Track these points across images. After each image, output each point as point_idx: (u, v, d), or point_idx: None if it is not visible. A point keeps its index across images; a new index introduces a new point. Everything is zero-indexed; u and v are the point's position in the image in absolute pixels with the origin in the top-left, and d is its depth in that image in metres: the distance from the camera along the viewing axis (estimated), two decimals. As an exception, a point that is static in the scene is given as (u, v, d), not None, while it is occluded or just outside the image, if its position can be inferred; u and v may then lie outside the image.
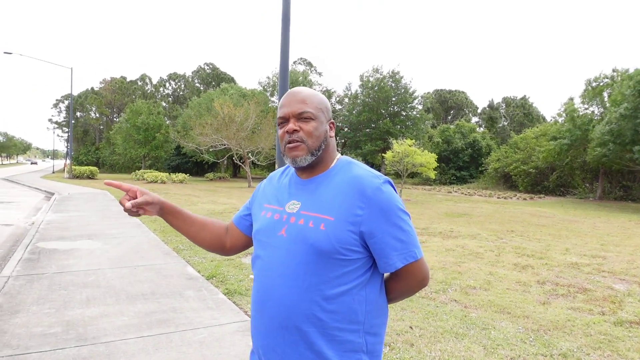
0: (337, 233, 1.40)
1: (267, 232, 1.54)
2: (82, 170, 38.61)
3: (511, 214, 17.43)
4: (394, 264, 1.44)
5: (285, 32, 7.34)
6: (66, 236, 9.35)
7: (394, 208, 1.43)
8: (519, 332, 4.53)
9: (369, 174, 1.47)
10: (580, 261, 8.22)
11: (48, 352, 3.80)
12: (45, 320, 4.54)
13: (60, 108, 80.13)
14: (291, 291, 1.42)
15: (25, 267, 6.75)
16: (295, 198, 1.53)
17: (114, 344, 3.99)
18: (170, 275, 6.42)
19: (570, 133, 28.48)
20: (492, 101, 70.26)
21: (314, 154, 1.50)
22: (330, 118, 1.58)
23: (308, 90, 1.55)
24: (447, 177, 45.64)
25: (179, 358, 3.72)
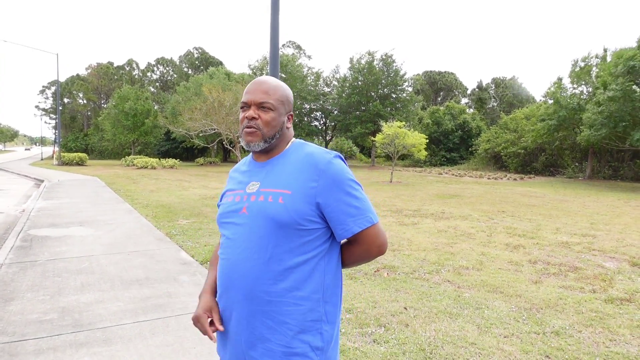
0: (295, 205, 1.50)
1: (228, 213, 1.64)
2: (71, 157, 38.23)
3: (502, 194, 17.55)
4: (350, 229, 1.53)
5: (275, 16, 7.27)
6: (58, 223, 9.29)
7: (345, 179, 1.55)
8: (512, 311, 4.59)
9: (320, 151, 1.60)
10: (570, 240, 8.31)
11: (45, 338, 3.80)
12: (41, 307, 4.53)
13: (47, 94, 79.24)
14: (255, 263, 1.51)
15: (17, 254, 6.71)
16: (254, 179, 1.64)
17: (111, 329, 4.00)
18: (164, 260, 6.42)
19: (557, 114, 28.58)
20: (481, 82, 70.29)
21: (267, 141, 1.62)
22: (290, 111, 1.70)
23: (273, 81, 1.65)
24: (437, 158, 45.79)
25: (176, 342, 3.74)
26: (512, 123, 39.74)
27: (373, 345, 3.72)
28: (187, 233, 8.28)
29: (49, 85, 78.42)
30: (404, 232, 8.81)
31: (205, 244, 7.37)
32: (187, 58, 74.67)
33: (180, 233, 8.30)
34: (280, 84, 1.67)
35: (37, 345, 3.68)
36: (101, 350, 3.59)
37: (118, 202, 12.91)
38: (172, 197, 14.33)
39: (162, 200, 13.26)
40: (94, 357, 3.49)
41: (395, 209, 12.36)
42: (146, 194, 15.22)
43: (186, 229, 8.70)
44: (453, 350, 3.65)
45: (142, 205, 12.23)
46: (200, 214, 10.59)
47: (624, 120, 23.10)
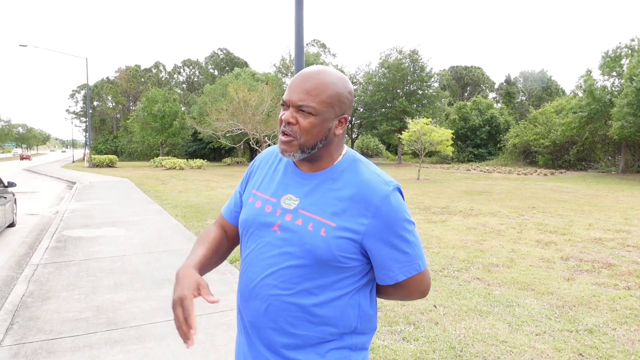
0: (337, 241, 1.29)
1: (257, 224, 1.41)
2: (102, 159, 39.08)
3: (532, 190, 17.26)
4: (394, 276, 1.35)
5: (299, 12, 7.29)
6: (90, 224, 9.52)
7: (401, 219, 1.32)
8: (543, 308, 4.52)
9: (378, 180, 1.34)
10: (604, 236, 8.13)
11: (80, 336, 3.90)
12: (76, 306, 4.65)
13: (77, 98, 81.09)
14: (281, 293, 1.32)
15: (52, 255, 6.90)
16: (293, 192, 1.40)
17: (144, 327, 4.08)
18: (194, 259, 6.51)
19: (589, 106, 27.95)
20: (509, 76, 69.15)
21: (305, 151, 1.35)
22: (344, 112, 1.38)
23: (323, 77, 1.34)
24: (465, 154, 45.29)
25: (207, 340, 3.80)
26: (541, 117, 39.03)
27: (403, 343, 3.71)
28: (215, 232, 8.37)
29: (79, 89, 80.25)
30: (433, 229, 8.74)
31: (233, 243, 7.44)
32: (213, 59, 75.52)
33: (209, 232, 8.39)
34: (332, 80, 1.34)
35: (74, 343, 3.78)
36: (135, 348, 3.67)
37: (148, 203, 13.14)
38: (200, 197, 14.52)
39: (190, 201, 13.44)
40: (128, 354, 3.57)
41: (423, 206, 12.28)
42: (175, 194, 15.45)
43: (215, 228, 8.81)
44: (484, 349, 3.61)
45: (171, 205, 12.42)
46: (228, 214, 10.70)
47: None
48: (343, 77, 1.39)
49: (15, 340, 3.85)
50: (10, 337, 3.92)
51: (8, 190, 9.57)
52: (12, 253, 7.62)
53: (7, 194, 9.36)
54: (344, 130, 1.42)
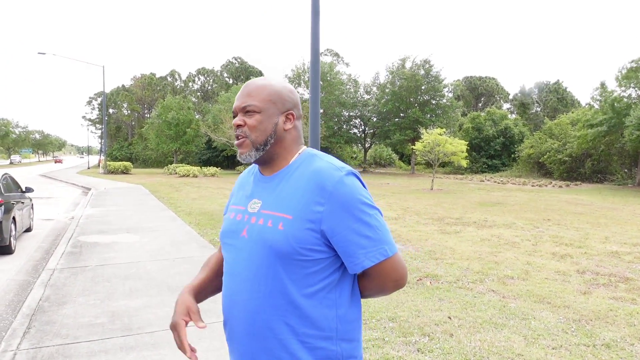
0: (295, 232, 1.30)
1: (230, 233, 1.46)
2: (117, 165, 39.47)
3: (547, 202, 17.11)
4: (361, 263, 1.31)
5: (315, 24, 7.35)
6: (105, 230, 9.61)
7: (357, 202, 1.30)
8: (560, 322, 4.47)
9: (330, 166, 1.35)
10: (620, 250, 8.04)
11: (96, 341, 3.94)
12: (92, 311, 4.70)
13: (93, 105, 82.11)
14: (254, 296, 1.33)
15: (68, 260, 6.98)
16: (257, 196, 1.45)
17: (158, 334, 4.11)
18: (208, 267, 6.54)
19: (610, 120, 27.65)
20: (524, 87, 68.91)
21: (259, 149, 1.41)
22: (289, 109, 1.45)
23: (260, 81, 1.46)
24: (478, 165, 45.02)
25: (222, 347, 3.81)
26: (556, 128, 38.71)
27: (417, 355, 3.69)
28: (229, 240, 8.41)
29: (95, 97, 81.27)
30: (447, 240, 8.70)
31: (247, 251, 7.47)
32: (227, 68, 76.14)
33: (222, 240, 8.43)
34: (269, 82, 1.46)
35: (89, 348, 3.81)
36: (150, 354, 3.69)
37: (162, 210, 13.24)
38: (214, 204, 14.60)
39: (204, 208, 13.52)
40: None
41: (437, 217, 12.23)
42: (189, 201, 15.55)
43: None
44: (499, 362, 3.58)
45: (185, 212, 12.50)
46: (241, 222, 10.75)
47: None
48: (282, 80, 1.51)
49: (32, 344, 3.90)
50: (27, 341, 3.96)
51: (26, 195, 9.70)
52: (29, 257, 7.72)
53: (24, 199, 9.50)
54: (295, 128, 1.47)
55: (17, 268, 6.99)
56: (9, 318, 4.87)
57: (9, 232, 7.78)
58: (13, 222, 8.11)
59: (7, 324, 4.65)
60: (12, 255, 7.86)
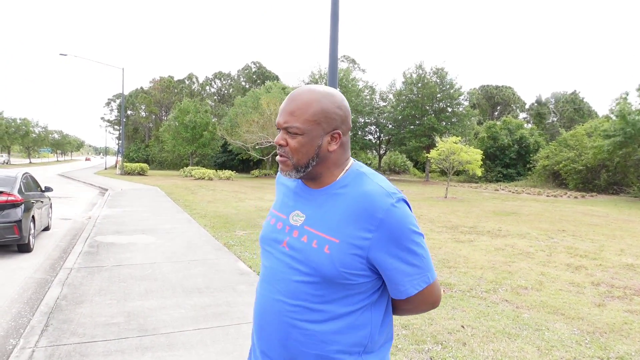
0: (342, 257, 1.28)
1: (269, 241, 1.46)
2: (133, 167, 39.90)
3: (562, 212, 16.95)
4: (405, 290, 1.33)
5: (334, 30, 7.40)
6: (122, 230, 9.73)
7: (407, 231, 1.29)
8: (573, 333, 4.45)
9: (381, 191, 1.32)
10: (636, 262, 7.95)
11: (113, 341, 4.01)
12: (108, 311, 4.77)
13: (112, 107, 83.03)
14: (289, 308, 1.34)
15: (85, 259, 7.09)
16: (300, 209, 1.42)
17: (174, 335, 4.16)
18: (222, 270, 6.61)
19: (623, 131, 27.37)
20: (540, 96, 68.29)
21: (300, 170, 1.37)
22: (335, 128, 1.37)
23: (306, 95, 1.36)
24: (493, 174, 44.69)
25: (235, 350, 3.85)
26: (572, 139, 38.33)
27: (429, 363, 3.70)
28: (244, 244, 8.48)
29: (114, 98, 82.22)
30: (460, 249, 8.68)
31: (261, 255, 7.52)
32: (245, 72, 76.65)
33: (237, 244, 8.51)
34: (315, 98, 1.35)
35: (106, 347, 3.88)
36: (165, 355, 3.75)
37: (177, 212, 13.36)
38: (228, 208, 14.70)
39: (219, 211, 13.62)
40: (158, 360, 3.65)
41: (450, 225, 12.19)
42: (204, 204, 15.67)
43: (243, 239, 8.91)
44: (512, 372, 3.58)
45: (200, 215, 12.61)
46: (256, 226, 10.82)
47: None
48: (330, 93, 1.38)
49: (50, 342, 3.97)
50: (45, 338, 4.04)
51: (45, 195, 9.87)
52: (47, 256, 7.84)
53: (44, 198, 9.66)
54: (342, 145, 1.41)
55: (35, 266, 7.11)
56: (27, 315, 4.97)
57: (28, 230, 7.92)
58: (32, 221, 8.26)
59: (26, 321, 4.74)
60: (31, 253, 8.00)
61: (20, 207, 7.72)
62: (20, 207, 7.72)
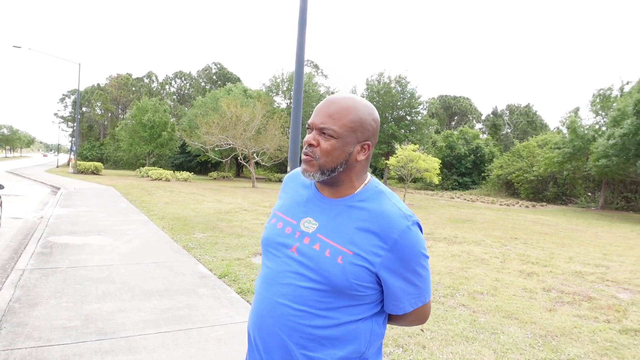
0: (354, 269, 1.32)
1: (276, 244, 1.46)
2: (87, 165, 38.74)
3: (514, 221, 17.52)
4: (404, 307, 1.40)
5: (302, 34, 7.45)
6: (76, 231, 9.46)
7: (417, 254, 1.35)
8: (527, 337, 4.63)
9: (398, 213, 1.35)
10: (584, 270, 8.31)
11: (70, 344, 3.90)
12: (64, 314, 4.64)
13: (66, 103, 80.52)
14: (294, 313, 1.35)
15: (38, 260, 6.86)
16: (313, 216, 1.43)
17: (134, 338, 4.09)
18: (182, 273, 6.52)
19: (573, 144, 28.60)
20: (496, 108, 70.42)
21: (325, 173, 1.38)
22: (367, 139, 1.40)
23: (346, 102, 1.38)
24: (449, 182, 45.75)
25: (198, 354, 3.83)
26: (525, 150, 39.71)
27: (390, 366, 3.77)
28: (204, 247, 8.39)
29: (69, 94, 79.70)
30: (418, 254, 8.84)
31: (222, 259, 7.47)
32: (206, 72, 75.80)
33: (197, 246, 8.42)
34: (355, 106, 1.38)
35: (63, 352, 3.78)
36: (126, 359, 3.68)
37: (134, 213, 13.08)
38: (187, 210, 14.49)
39: (177, 213, 13.41)
40: (119, 364, 3.59)
41: (408, 231, 12.39)
42: (161, 205, 15.40)
43: (203, 242, 8.82)
44: (469, 375, 3.69)
45: (158, 217, 12.39)
46: (215, 228, 10.72)
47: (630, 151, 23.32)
48: (369, 105, 1.42)
49: (4, 345, 3.84)
50: (-2, 341, 3.90)
51: (-5, 192, 9.50)
52: (-3, 256, 7.55)
53: (-6, 196, 9.29)
54: (368, 157, 1.43)
55: (-16, 267, 6.84)
56: (-23, 317, 4.78)
57: (-23, 229, 7.61)
58: (-18, 220, 7.94)
59: (-24, 324, 4.56)
60: (-21, 253, 7.68)
61: (-30, 205, 7.41)
62: (-31, 204, 7.40)
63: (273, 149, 33.61)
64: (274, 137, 33.26)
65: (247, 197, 21.63)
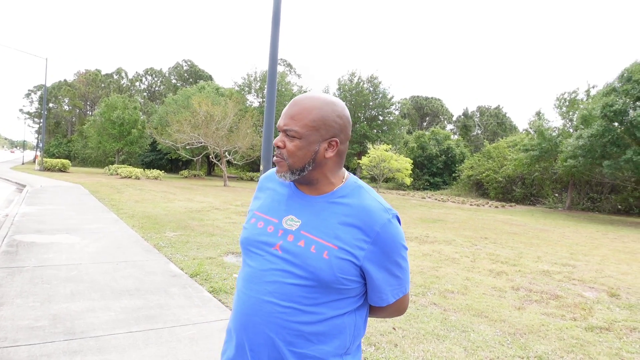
0: (340, 263, 1.35)
1: (258, 243, 1.46)
2: (54, 162, 37.81)
3: (484, 221, 17.82)
4: (387, 299, 1.44)
5: (275, 33, 7.43)
6: (43, 229, 9.23)
7: (398, 247, 1.40)
8: (496, 335, 4.72)
9: (379, 207, 1.40)
10: (551, 269, 8.51)
11: (37, 345, 3.81)
12: (31, 314, 4.53)
13: (32, 98, 78.49)
14: (280, 310, 1.36)
15: (4, 259, 6.67)
16: (294, 214, 1.45)
17: (104, 338, 4.02)
18: (153, 272, 6.43)
19: (540, 146, 29.25)
20: (467, 110, 71.53)
21: (295, 173, 1.42)
22: (333, 135, 1.42)
23: (308, 101, 1.41)
24: (420, 182, 46.21)
25: (169, 353, 3.78)
26: (494, 151, 40.41)
27: (363, 364, 3.80)
28: (175, 246, 8.29)
29: (35, 89, 77.73)
30: (390, 254, 8.91)
31: (194, 257, 7.40)
32: (176, 70, 74.81)
33: (168, 245, 8.31)
34: (317, 105, 1.40)
35: (30, 352, 3.69)
36: (95, 359, 3.62)
37: (103, 211, 12.84)
38: (157, 208, 14.30)
39: (147, 212, 13.22)
40: (88, 364, 3.52)
41: (380, 230, 12.47)
42: (131, 204, 15.15)
43: (174, 241, 8.71)
44: (441, 372, 3.74)
45: (128, 215, 12.19)
46: (187, 227, 10.60)
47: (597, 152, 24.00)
48: (332, 101, 1.43)
49: (-32, 345, 3.73)
50: (-39, 342, 3.79)
51: (-43, 189, 9.20)
52: (-41, 255, 7.31)
53: (-44, 193, 9.00)
54: (339, 154, 1.45)
55: (-54, 266, 6.62)
56: (-62, 318, 4.62)
57: (-61, 227, 7.36)
58: (-57, 217, 7.68)
59: (-62, 324, 4.42)
60: (-60, 252, 7.43)
61: None
62: None
63: (245, 147, 33.42)
64: (247, 136, 33.07)
65: (219, 196, 21.46)
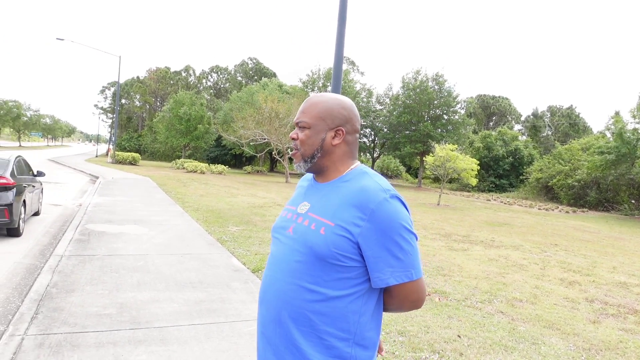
0: (334, 239, 1.41)
1: (279, 229, 1.63)
2: (125, 156, 39.57)
3: (554, 226, 17.01)
4: (386, 279, 1.42)
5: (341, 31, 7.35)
6: (113, 220, 9.61)
7: (397, 225, 1.40)
8: (569, 349, 4.42)
9: (376, 186, 1.45)
10: (629, 281, 7.96)
11: (105, 332, 3.92)
12: (100, 301, 4.68)
13: (106, 94, 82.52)
14: (287, 287, 1.47)
15: (76, 247, 6.97)
16: (307, 200, 1.61)
17: (167, 329, 4.08)
18: (216, 265, 6.52)
19: (618, 149, 27.56)
20: (537, 109, 68.77)
21: (307, 160, 1.58)
22: (339, 125, 1.57)
23: (316, 98, 1.60)
24: (486, 184, 44.85)
25: (230, 349, 3.78)
26: (567, 154, 38.54)
27: (426, 372, 3.64)
28: (237, 240, 8.39)
29: (109, 86, 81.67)
30: (454, 257, 8.64)
31: (255, 253, 7.45)
32: (242, 67, 76.39)
33: (230, 239, 8.42)
34: (323, 100, 1.59)
35: (97, 338, 3.79)
36: (158, 350, 3.67)
37: (169, 204, 13.24)
38: (221, 203, 14.59)
39: (211, 206, 13.51)
40: (151, 355, 3.57)
41: (444, 232, 12.17)
42: (196, 197, 15.55)
43: (236, 236, 8.82)
44: (510, 386, 3.53)
45: (193, 208, 12.49)
46: (249, 222, 10.72)
47: None
48: (339, 97, 1.61)
49: (40, 330, 3.88)
50: (35, 326, 3.95)
51: (37, 179, 9.73)
52: (36, 242, 7.72)
53: (35, 183, 9.53)
54: (347, 143, 1.60)
55: (24, 251, 6.99)
56: (16, 302, 4.86)
57: (19, 214, 7.79)
58: (23, 205, 8.13)
59: (14, 308, 4.64)
60: (20, 238, 7.88)
61: (12, 190, 7.59)
62: (11, 190, 7.59)
63: (307, 145, 33.51)
64: (309, 134, 33.23)
65: (281, 192, 21.67)
